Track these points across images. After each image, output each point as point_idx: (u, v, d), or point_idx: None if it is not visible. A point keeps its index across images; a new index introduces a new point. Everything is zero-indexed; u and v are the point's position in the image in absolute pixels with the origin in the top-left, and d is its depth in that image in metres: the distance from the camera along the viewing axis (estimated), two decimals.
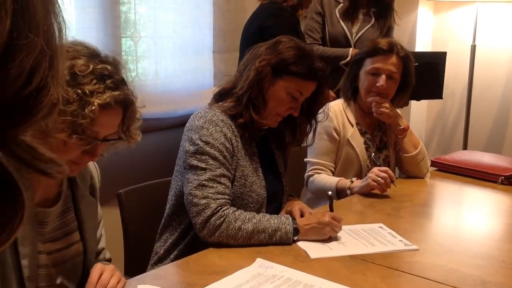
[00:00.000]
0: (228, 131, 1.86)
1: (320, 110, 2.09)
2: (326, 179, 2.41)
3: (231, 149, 1.86)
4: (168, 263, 1.81)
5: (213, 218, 1.73)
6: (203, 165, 1.80)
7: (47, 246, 1.40)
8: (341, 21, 3.29)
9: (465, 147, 4.29)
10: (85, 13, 2.77)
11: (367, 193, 2.28)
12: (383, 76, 2.40)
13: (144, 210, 2.09)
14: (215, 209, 1.74)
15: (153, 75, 3.23)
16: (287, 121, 1.99)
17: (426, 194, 2.45)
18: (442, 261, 1.71)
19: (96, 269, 1.42)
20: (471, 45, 4.24)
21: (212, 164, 1.80)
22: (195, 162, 1.80)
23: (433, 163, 2.75)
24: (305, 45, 1.97)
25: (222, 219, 1.73)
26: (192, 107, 3.05)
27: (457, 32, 4.53)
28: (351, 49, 3.21)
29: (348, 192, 2.31)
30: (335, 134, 2.45)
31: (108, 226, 1.75)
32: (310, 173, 2.45)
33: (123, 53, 3.05)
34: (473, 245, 1.93)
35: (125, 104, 1.35)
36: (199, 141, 1.82)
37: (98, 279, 1.39)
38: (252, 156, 1.94)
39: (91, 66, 1.28)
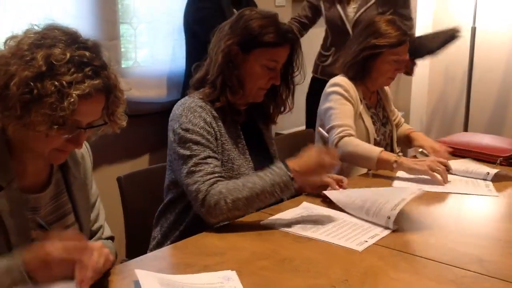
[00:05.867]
0: (208, 116, 1.85)
1: (297, 72, 2.01)
2: (365, 145, 2.36)
3: (213, 132, 1.85)
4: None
5: (208, 200, 1.73)
6: (187, 152, 1.80)
7: (41, 232, 1.38)
8: (337, 4, 3.24)
9: (465, 130, 4.30)
10: None
11: (414, 174, 2.29)
12: (403, 63, 2.53)
13: (144, 194, 2.11)
14: (206, 190, 1.74)
15: (152, 60, 3.25)
16: (267, 91, 1.96)
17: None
18: (440, 241, 1.72)
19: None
20: (471, 27, 4.23)
21: (195, 149, 1.80)
22: (181, 151, 1.81)
23: None
24: (267, 12, 1.90)
25: (216, 196, 1.72)
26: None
27: (457, 14, 4.51)
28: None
29: (395, 165, 2.27)
30: (352, 101, 2.48)
31: (109, 209, 1.75)
32: (342, 133, 2.38)
33: (121, 39, 3.07)
34: (471, 225, 1.95)
35: (107, 90, 1.32)
36: (180, 130, 1.82)
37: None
38: (237, 138, 1.93)
39: (68, 54, 1.24)
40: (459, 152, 2.68)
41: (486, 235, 1.81)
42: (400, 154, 2.39)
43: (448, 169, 2.31)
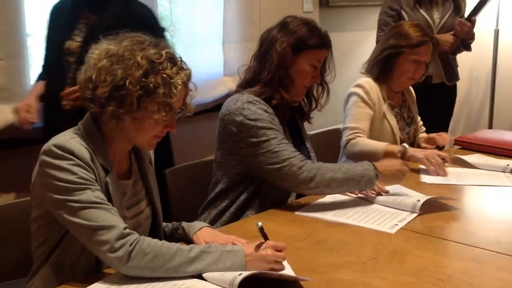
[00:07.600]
0: (268, 108, 2.02)
1: (328, 72, 2.19)
2: (371, 142, 2.54)
3: (275, 122, 2.02)
4: None
5: (304, 172, 1.91)
6: (264, 138, 1.96)
7: (125, 212, 1.59)
8: (420, 9, 3.31)
9: (490, 128, 4.39)
10: None
11: (414, 162, 2.44)
12: (424, 64, 2.63)
13: (188, 188, 2.26)
14: (300, 163, 1.93)
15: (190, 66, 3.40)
16: None
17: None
18: (462, 226, 1.89)
19: None
20: (494, 30, 4.34)
21: (271, 134, 1.97)
22: (253, 139, 1.97)
23: (456, 142, 2.89)
24: (306, 18, 2.12)
25: (315, 170, 1.92)
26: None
27: (480, 17, 4.60)
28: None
29: (399, 155, 2.41)
30: (371, 104, 2.61)
31: None
32: (350, 136, 2.56)
33: None
34: (491, 213, 2.10)
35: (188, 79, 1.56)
36: (247, 120, 1.97)
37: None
38: (284, 133, 2.10)
39: (163, 53, 1.49)
40: (480, 148, 2.80)
41: (504, 221, 1.97)
42: (404, 145, 2.49)
43: (445, 162, 2.44)
